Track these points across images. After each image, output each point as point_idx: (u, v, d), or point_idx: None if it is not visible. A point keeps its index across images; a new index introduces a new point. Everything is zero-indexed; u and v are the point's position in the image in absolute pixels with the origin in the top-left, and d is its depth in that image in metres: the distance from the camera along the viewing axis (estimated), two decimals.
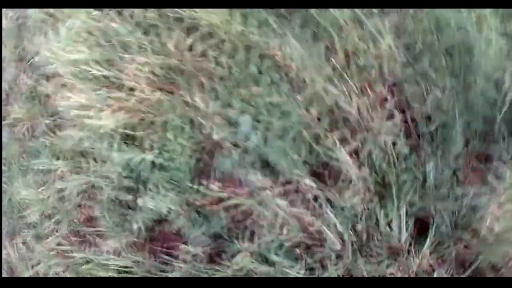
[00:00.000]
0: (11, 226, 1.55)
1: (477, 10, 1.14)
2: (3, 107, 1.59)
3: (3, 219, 1.55)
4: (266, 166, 1.15)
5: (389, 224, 1.08)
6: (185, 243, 1.17)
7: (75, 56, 1.21)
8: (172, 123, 1.20)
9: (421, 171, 1.12)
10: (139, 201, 1.19)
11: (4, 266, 1.56)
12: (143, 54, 1.24)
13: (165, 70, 1.21)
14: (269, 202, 1.10)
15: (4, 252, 1.55)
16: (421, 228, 1.10)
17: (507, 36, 1.14)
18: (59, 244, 1.38)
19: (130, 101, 1.18)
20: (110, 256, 1.20)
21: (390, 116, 1.12)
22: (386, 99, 1.12)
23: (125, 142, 1.21)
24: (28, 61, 1.56)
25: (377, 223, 1.08)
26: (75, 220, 1.35)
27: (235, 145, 1.16)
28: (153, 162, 1.21)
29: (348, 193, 1.09)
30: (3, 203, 1.55)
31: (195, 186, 1.18)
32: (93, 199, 1.32)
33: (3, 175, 1.56)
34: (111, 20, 1.30)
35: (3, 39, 1.68)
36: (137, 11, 1.30)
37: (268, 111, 1.15)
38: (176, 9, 1.25)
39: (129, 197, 1.27)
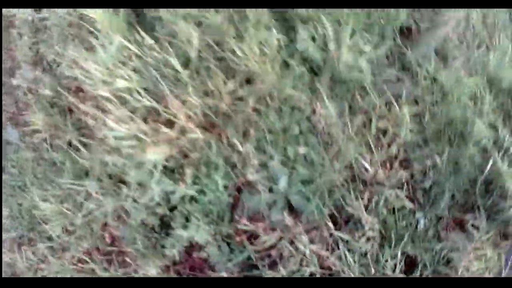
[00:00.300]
0: (19, 233, 1.65)
1: (474, 85, 1.44)
2: (19, 114, 1.64)
3: (13, 224, 1.64)
4: (291, 206, 1.40)
5: (386, 261, 1.39)
6: (212, 268, 1.40)
7: (118, 84, 1.33)
8: (207, 160, 1.39)
9: (414, 218, 1.44)
10: (175, 230, 1.38)
11: (8, 271, 1.67)
12: (182, 88, 1.40)
13: (204, 108, 1.38)
14: (293, 238, 1.35)
15: (8, 257, 1.66)
16: (410, 264, 1.43)
17: (497, 110, 1.47)
18: (79, 260, 1.52)
19: (170, 135, 1.34)
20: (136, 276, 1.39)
21: (396, 172, 1.41)
22: (395, 158, 1.41)
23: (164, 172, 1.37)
24: (48, 68, 1.62)
25: (377, 260, 1.39)
26: (99, 238, 1.50)
27: (264, 184, 1.38)
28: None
29: (358, 233, 1.38)
30: (13, 208, 1.64)
31: (225, 219, 1.40)
32: (121, 219, 1.48)
33: (15, 180, 1.64)
34: (150, 48, 1.42)
35: (16, 37, 1.70)
36: (177, 42, 1.44)
37: (295, 158, 1.39)
38: (219, 50, 1.41)
39: (158, 222, 1.45)
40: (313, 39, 1.42)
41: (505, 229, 1.43)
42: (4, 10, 1.76)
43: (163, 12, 1.46)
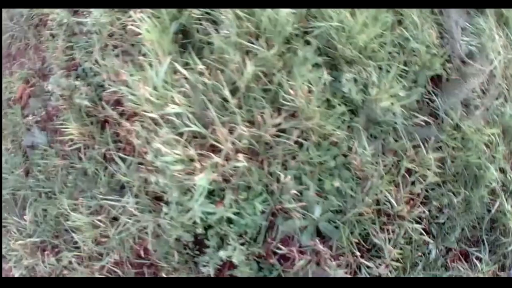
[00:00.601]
0: (42, 239, 1.75)
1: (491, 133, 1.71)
2: (49, 118, 1.72)
3: (36, 229, 1.74)
4: (320, 232, 1.61)
5: None
6: None
7: (169, 109, 1.46)
8: (247, 185, 1.57)
9: (427, 249, 1.70)
10: (210, 248, 1.56)
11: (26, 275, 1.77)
12: (229, 116, 1.56)
13: (249, 137, 1.55)
14: (320, 262, 1.58)
15: (28, 261, 1.76)
16: None
17: (508, 156, 1.75)
18: (108, 271, 1.66)
19: (217, 161, 1.50)
20: None
21: (417, 208, 1.66)
22: (418, 195, 1.65)
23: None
24: (83, 75, 1.70)
25: None
26: (131, 250, 1.64)
27: (298, 211, 1.59)
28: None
29: (379, 260, 1.63)
30: (38, 214, 1.73)
31: (258, 240, 1.60)
32: (155, 233, 1.63)
33: (41, 186, 1.73)
34: (200, 74, 1.56)
35: (48, 38, 1.76)
36: (226, 69, 1.58)
37: (329, 190, 1.60)
38: (267, 81, 1.57)
39: (192, 239, 1.62)
40: (355, 80, 1.62)
41: (504, 262, 1.74)
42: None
43: (214, 38, 1.59)
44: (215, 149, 1.58)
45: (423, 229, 1.71)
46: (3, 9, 1.82)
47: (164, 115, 1.55)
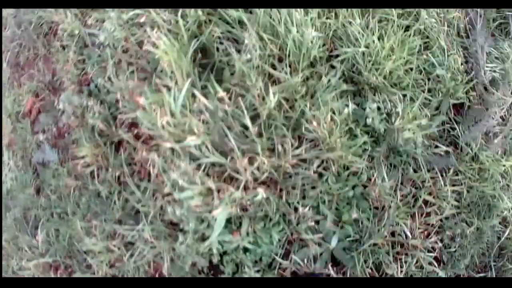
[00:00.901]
0: (54, 259, 1.65)
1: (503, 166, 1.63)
2: (60, 136, 1.59)
3: (48, 249, 1.64)
4: (335, 259, 1.55)
5: None
6: None
7: (189, 141, 1.34)
8: (265, 215, 1.48)
9: (437, 276, 1.65)
10: (224, 275, 1.48)
11: None
12: (248, 144, 1.44)
13: (268, 167, 1.44)
14: None
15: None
16: None
17: None
18: None
19: (236, 195, 1.40)
20: None
21: (430, 238, 1.59)
22: (432, 226, 1.58)
23: None
24: (96, 92, 1.56)
25: None
26: (144, 273, 1.56)
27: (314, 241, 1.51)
28: None
29: None
30: (50, 234, 1.63)
31: (273, 267, 1.53)
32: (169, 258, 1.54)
33: (53, 206, 1.62)
34: (220, 100, 1.43)
35: (59, 49, 1.60)
36: (247, 95, 1.45)
37: (346, 220, 1.52)
38: (289, 109, 1.45)
39: (207, 265, 1.55)
40: (378, 108, 1.50)
41: None
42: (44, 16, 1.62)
43: (236, 61, 1.44)
44: (233, 178, 1.47)
45: (434, 257, 1.65)
46: (10, 16, 1.64)
47: (182, 145, 1.42)
